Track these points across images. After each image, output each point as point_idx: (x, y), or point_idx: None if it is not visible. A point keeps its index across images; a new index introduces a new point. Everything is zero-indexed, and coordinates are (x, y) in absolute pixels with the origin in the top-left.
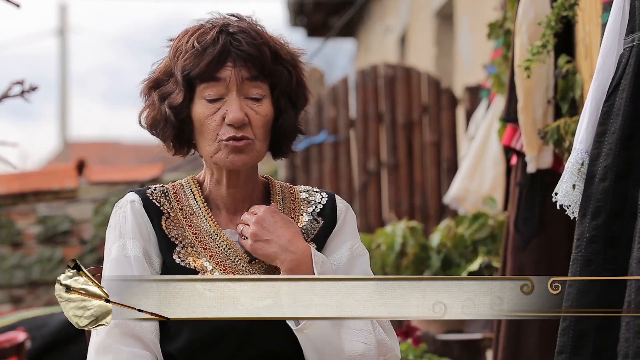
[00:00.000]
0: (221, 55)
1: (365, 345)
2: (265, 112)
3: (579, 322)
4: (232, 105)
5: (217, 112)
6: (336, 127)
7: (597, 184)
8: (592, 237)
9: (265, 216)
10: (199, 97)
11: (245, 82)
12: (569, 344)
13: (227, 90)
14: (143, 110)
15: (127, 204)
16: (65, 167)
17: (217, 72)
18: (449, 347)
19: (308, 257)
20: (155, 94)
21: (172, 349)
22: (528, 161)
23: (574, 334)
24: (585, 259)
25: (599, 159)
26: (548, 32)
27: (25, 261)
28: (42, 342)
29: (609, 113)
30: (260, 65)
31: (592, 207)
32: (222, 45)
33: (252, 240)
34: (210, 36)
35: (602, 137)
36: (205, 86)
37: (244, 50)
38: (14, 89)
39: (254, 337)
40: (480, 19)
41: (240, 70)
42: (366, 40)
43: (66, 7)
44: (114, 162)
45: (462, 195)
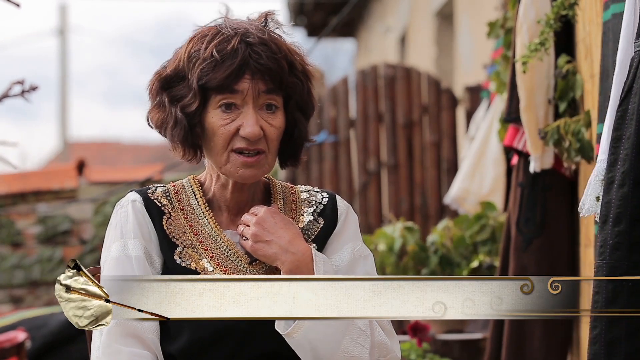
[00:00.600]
0: (240, 68)
1: (361, 347)
2: (279, 124)
3: (610, 330)
4: (249, 119)
5: (231, 123)
6: (336, 127)
7: (616, 190)
8: (616, 243)
9: (266, 217)
10: (214, 107)
11: (261, 94)
12: (601, 352)
13: (243, 102)
14: (151, 110)
15: (129, 203)
16: (65, 167)
17: (235, 84)
18: (449, 347)
19: (309, 257)
20: (166, 96)
21: (173, 349)
22: (532, 161)
23: (605, 341)
24: (610, 266)
25: (617, 164)
26: (547, 30)
27: (25, 261)
28: (42, 342)
29: (623, 118)
30: (278, 78)
31: (613, 214)
32: (241, 58)
33: (253, 241)
34: (230, 46)
35: (618, 143)
36: (221, 97)
37: (263, 64)
38: (14, 89)
39: (254, 337)
40: (480, 19)
41: (258, 83)
42: (366, 40)
43: (66, 7)
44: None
45: (462, 196)
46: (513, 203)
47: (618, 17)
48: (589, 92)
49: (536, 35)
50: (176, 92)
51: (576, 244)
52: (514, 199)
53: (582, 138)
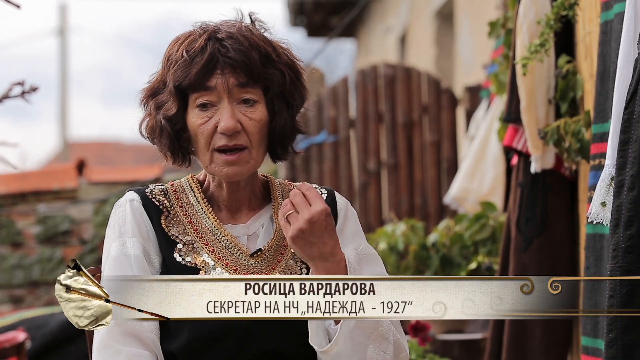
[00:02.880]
0: (209, 63)
1: (384, 354)
2: (259, 117)
3: (626, 333)
4: (224, 113)
5: (209, 121)
6: (336, 127)
7: (626, 194)
8: (628, 247)
9: (319, 219)
10: (192, 107)
11: (235, 88)
12: (618, 356)
13: (218, 98)
14: (143, 120)
15: (127, 202)
16: (65, 167)
17: (206, 81)
18: (449, 347)
19: (343, 268)
20: (152, 103)
21: (173, 348)
22: (533, 161)
23: (622, 345)
24: (623, 269)
25: (626, 167)
26: (547, 31)
27: (25, 261)
28: (42, 342)
29: (629, 120)
30: (249, 71)
31: (624, 217)
32: (209, 54)
33: (295, 234)
34: (198, 44)
35: (625, 146)
36: (197, 95)
37: (231, 57)
38: (14, 90)
39: (253, 336)
40: (480, 19)
41: (229, 77)
42: (366, 40)
43: (66, 7)
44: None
45: (462, 196)
46: (513, 203)
47: (620, 16)
48: (589, 92)
49: (536, 35)
50: (159, 99)
51: (576, 244)
52: (514, 199)
53: (582, 138)
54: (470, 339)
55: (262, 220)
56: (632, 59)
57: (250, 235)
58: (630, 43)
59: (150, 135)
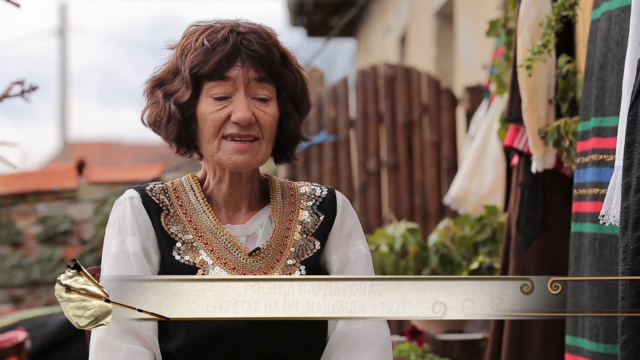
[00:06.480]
0: (232, 54)
1: None
2: (273, 113)
3: (638, 335)
4: (240, 104)
5: (222, 110)
6: (336, 127)
7: (633, 195)
8: (637, 249)
9: None
10: (205, 95)
11: (252, 82)
12: (632, 357)
13: (234, 89)
14: (146, 109)
15: (126, 200)
16: (65, 167)
17: (226, 71)
18: (449, 347)
19: None
20: (160, 92)
21: (171, 348)
22: (534, 161)
23: (634, 346)
24: (633, 271)
25: (632, 169)
26: (549, 32)
27: (25, 261)
28: (42, 342)
29: (634, 122)
30: (269, 66)
31: (632, 219)
32: (232, 45)
33: None
34: (221, 35)
35: (631, 147)
36: (212, 85)
37: (254, 50)
38: (14, 89)
39: (253, 337)
40: (480, 19)
41: (249, 69)
42: (366, 40)
43: (66, 7)
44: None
45: (462, 196)
46: (513, 203)
47: (607, 15)
48: None
49: (537, 35)
50: (170, 87)
51: None
52: (515, 198)
53: None
54: (470, 339)
55: (260, 220)
56: (636, 59)
57: (249, 235)
58: (635, 42)
59: (155, 124)
